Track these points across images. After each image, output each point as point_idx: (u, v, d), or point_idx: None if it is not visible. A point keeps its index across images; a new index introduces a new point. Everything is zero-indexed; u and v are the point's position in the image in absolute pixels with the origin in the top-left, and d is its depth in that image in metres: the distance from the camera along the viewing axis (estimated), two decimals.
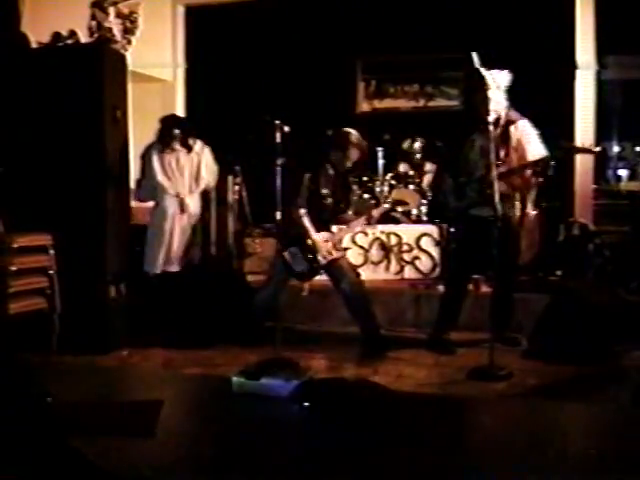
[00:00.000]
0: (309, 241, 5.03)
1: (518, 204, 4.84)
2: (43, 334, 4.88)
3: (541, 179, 4.79)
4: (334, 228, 5.19)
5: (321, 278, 5.22)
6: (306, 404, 2.98)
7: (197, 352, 4.95)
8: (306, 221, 5.05)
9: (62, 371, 4.02)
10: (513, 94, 4.76)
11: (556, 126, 6.07)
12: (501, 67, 4.71)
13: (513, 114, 4.80)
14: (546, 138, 4.82)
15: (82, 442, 2.29)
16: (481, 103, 4.57)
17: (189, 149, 5.72)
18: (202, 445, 2.74)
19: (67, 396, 2.94)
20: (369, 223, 5.31)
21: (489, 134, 4.40)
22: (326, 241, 5.06)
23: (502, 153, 4.72)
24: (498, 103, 4.64)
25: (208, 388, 3.72)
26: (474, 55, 4.53)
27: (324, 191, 5.10)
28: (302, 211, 5.06)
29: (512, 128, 4.76)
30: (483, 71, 4.61)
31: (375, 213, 5.27)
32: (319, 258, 5.02)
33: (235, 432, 2.87)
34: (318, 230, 5.07)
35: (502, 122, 4.74)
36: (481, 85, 4.57)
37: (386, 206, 5.46)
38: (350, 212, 5.35)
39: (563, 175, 5.93)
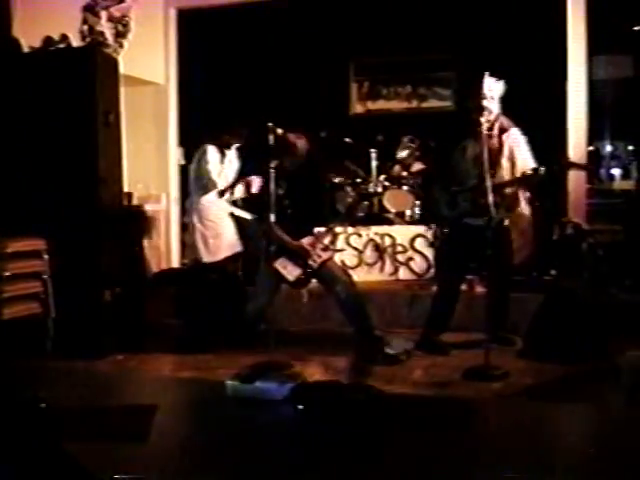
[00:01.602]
0: (293, 248, 4.99)
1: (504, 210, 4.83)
2: (37, 339, 4.87)
3: (530, 192, 4.82)
4: (316, 230, 5.14)
5: (315, 280, 5.19)
6: (300, 407, 2.98)
7: (192, 356, 4.94)
8: (280, 233, 4.96)
9: (57, 376, 4.01)
10: (505, 96, 4.75)
11: (548, 127, 6.08)
12: (492, 67, 4.70)
13: (505, 122, 4.79)
14: (539, 140, 4.82)
15: (76, 447, 2.29)
16: (474, 111, 4.56)
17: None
18: (196, 449, 2.74)
19: (61, 401, 2.94)
20: (354, 220, 5.39)
21: (482, 142, 4.39)
22: (313, 244, 5.02)
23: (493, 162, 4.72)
24: (491, 113, 4.64)
25: (202, 392, 3.72)
26: (486, 75, 4.55)
27: (286, 202, 5.04)
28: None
29: (504, 136, 4.75)
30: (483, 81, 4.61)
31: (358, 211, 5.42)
32: (310, 262, 5.00)
33: (229, 435, 2.87)
34: (301, 235, 5.03)
35: (496, 131, 4.73)
36: (476, 94, 4.57)
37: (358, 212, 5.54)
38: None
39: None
